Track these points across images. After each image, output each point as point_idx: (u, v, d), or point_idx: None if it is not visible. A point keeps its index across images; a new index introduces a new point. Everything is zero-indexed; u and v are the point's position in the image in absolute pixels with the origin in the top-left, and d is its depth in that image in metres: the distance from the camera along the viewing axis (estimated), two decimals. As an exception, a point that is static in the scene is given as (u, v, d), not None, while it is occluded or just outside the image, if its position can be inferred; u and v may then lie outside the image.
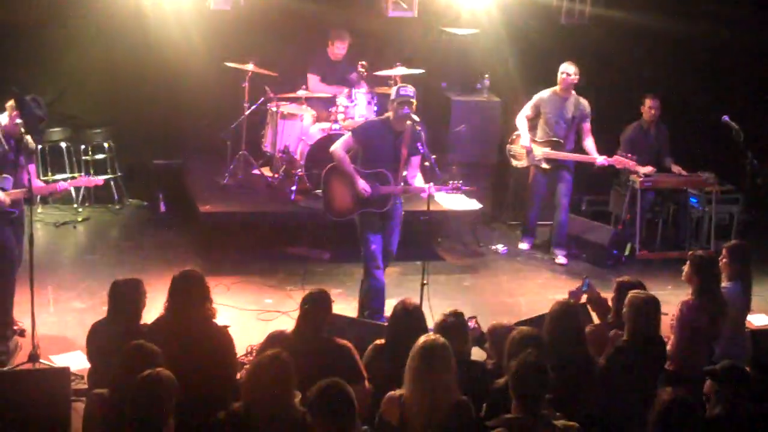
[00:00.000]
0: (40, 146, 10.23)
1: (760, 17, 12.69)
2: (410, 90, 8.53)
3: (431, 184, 8.54)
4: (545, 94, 10.86)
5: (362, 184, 8.49)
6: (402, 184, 8.61)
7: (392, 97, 8.57)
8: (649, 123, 11.31)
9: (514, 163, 11.18)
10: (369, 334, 7.12)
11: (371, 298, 8.70)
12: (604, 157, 10.76)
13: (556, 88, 10.81)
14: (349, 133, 8.81)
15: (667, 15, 12.40)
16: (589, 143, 10.85)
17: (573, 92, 10.79)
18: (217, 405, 5.75)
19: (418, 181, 8.69)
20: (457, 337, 6.08)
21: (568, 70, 10.70)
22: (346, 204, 8.71)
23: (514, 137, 11.13)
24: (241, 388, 5.58)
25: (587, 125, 10.86)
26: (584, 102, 10.84)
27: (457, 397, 5.50)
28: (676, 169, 11.34)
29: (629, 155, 10.83)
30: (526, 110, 10.94)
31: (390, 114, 8.55)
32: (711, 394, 5.83)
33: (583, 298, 7.68)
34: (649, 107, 11.26)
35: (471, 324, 7.49)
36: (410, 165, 8.67)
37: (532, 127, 10.92)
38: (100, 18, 11.31)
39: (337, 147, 8.65)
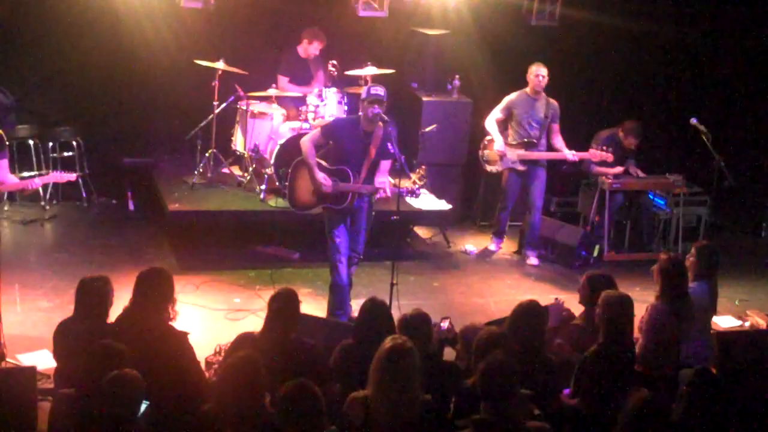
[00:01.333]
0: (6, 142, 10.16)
1: (732, 18, 12.77)
2: (381, 90, 8.54)
3: (387, 177, 8.59)
4: (518, 96, 10.86)
5: (321, 177, 8.57)
6: (364, 183, 8.64)
7: (363, 96, 8.59)
8: (624, 144, 11.32)
9: (488, 168, 11.15)
10: (337, 333, 7.13)
11: (332, 293, 8.82)
12: (573, 152, 10.79)
13: (527, 89, 10.82)
14: (319, 129, 8.90)
15: (636, 16, 12.48)
16: (559, 142, 10.87)
17: (543, 93, 10.82)
18: (176, 408, 5.73)
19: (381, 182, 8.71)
20: (419, 335, 6.08)
21: (542, 72, 10.69)
22: (307, 197, 8.85)
23: (485, 143, 11.12)
24: (212, 389, 5.56)
25: (557, 126, 10.88)
26: (554, 103, 10.85)
27: (421, 397, 5.51)
28: (633, 170, 11.39)
29: (604, 148, 10.82)
30: (497, 113, 10.94)
31: (360, 113, 8.59)
32: (680, 396, 5.85)
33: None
34: (630, 141, 11.24)
35: (444, 325, 7.52)
36: (380, 169, 8.69)
37: (502, 130, 10.93)
38: (70, 14, 11.23)
39: (305, 140, 8.77)
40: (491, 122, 10.95)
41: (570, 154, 10.77)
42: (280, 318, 6.28)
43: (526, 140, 10.79)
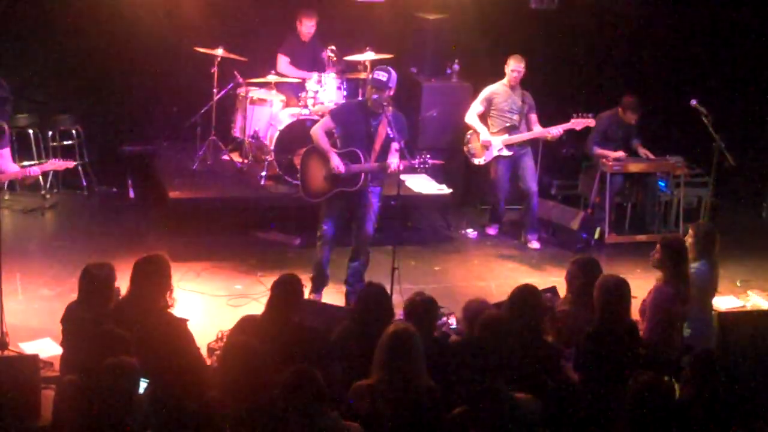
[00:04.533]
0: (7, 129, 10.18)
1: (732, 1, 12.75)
2: (383, 74, 8.53)
3: (396, 159, 8.56)
4: (496, 87, 10.86)
5: (336, 161, 8.58)
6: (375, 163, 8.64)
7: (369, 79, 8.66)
8: (624, 120, 11.31)
9: (475, 161, 11.10)
10: (341, 318, 7.13)
11: (313, 271, 8.95)
12: (554, 128, 10.75)
13: (505, 81, 10.81)
14: (328, 115, 8.95)
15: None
16: (538, 130, 10.86)
17: (518, 86, 10.82)
18: (177, 395, 5.73)
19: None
20: (426, 318, 6.11)
21: (517, 67, 10.69)
22: (321, 184, 8.83)
23: (468, 137, 11.08)
24: (214, 376, 5.57)
25: (535, 116, 10.88)
26: (529, 94, 10.88)
27: (426, 383, 5.51)
28: (642, 151, 11.40)
29: (583, 114, 10.80)
30: (477, 107, 10.93)
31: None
32: (683, 379, 5.86)
33: None
34: (629, 117, 11.24)
35: (452, 322, 7.55)
36: (390, 151, 8.68)
37: (482, 122, 10.92)
38: (69, 2, 11.21)
39: (315, 128, 8.82)
40: (473, 116, 10.94)
41: (552, 131, 10.75)
42: (281, 303, 6.30)
43: (508, 125, 10.77)
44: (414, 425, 5.42)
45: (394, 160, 8.58)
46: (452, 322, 7.65)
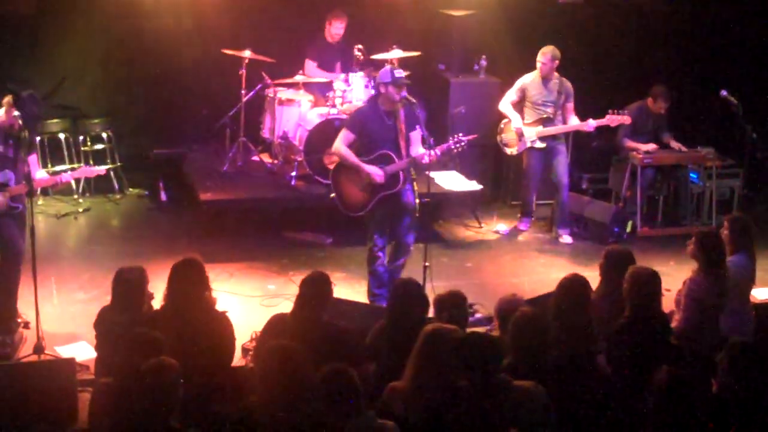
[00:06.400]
0: (38, 138, 10.29)
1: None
2: (401, 72, 8.56)
3: (432, 148, 8.46)
4: (529, 77, 10.80)
5: (371, 170, 8.51)
6: (406, 158, 8.59)
7: (385, 79, 8.51)
8: (654, 111, 11.27)
9: (508, 151, 11.09)
10: (370, 317, 7.15)
11: (370, 281, 8.87)
12: (589, 121, 10.69)
13: (538, 71, 10.76)
14: (344, 128, 8.78)
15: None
16: (574, 121, 10.81)
17: (555, 74, 10.76)
18: (217, 392, 5.76)
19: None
20: (455, 315, 6.12)
21: (542, 59, 10.60)
22: (360, 196, 8.71)
23: (502, 126, 11.06)
24: (252, 380, 5.56)
25: (571, 105, 10.81)
26: (567, 82, 10.79)
27: (459, 382, 5.49)
28: (675, 144, 11.34)
29: (619, 111, 10.77)
30: (511, 95, 10.88)
31: (380, 95, 8.59)
32: (720, 369, 5.81)
33: None
34: (659, 106, 11.20)
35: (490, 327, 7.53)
36: (411, 142, 8.64)
37: (517, 112, 10.89)
38: (97, 7, 11.29)
39: (337, 144, 8.67)
40: (506, 104, 10.90)
41: (587, 125, 10.71)
42: (311, 301, 6.31)
43: (543, 117, 10.74)
44: (448, 426, 5.41)
45: (423, 152, 8.55)
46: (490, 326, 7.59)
